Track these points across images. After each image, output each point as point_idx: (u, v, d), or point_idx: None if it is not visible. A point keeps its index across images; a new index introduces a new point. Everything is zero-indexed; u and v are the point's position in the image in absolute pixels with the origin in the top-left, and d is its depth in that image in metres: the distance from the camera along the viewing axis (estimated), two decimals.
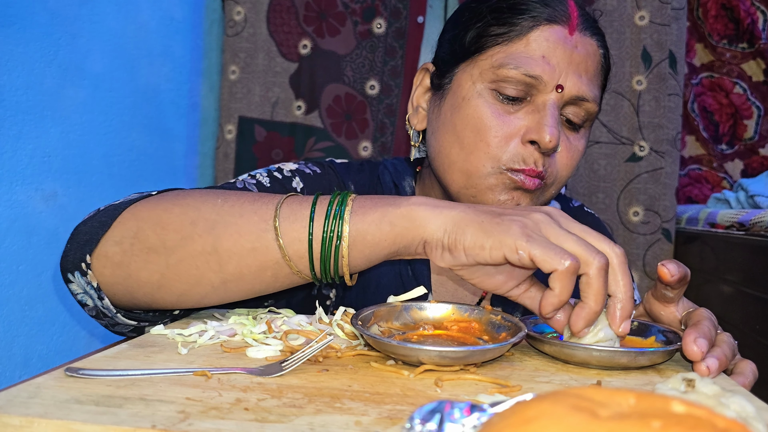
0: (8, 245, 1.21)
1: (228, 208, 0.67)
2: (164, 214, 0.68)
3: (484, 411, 0.40)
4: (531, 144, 0.80)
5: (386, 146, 1.87)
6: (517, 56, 0.81)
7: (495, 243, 0.59)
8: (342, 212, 0.64)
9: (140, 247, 0.68)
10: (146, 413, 0.45)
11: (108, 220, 0.70)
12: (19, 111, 1.22)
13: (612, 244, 0.61)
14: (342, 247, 0.64)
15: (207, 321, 0.71)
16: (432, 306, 0.70)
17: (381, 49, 1.85)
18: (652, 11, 1.76)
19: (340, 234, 0.63)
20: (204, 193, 0.70)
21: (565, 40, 0.81)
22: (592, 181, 1.81)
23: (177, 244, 0.67)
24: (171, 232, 0.67)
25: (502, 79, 0.81)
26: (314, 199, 0.66)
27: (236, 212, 0.66)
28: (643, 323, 0.70)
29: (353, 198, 0.65)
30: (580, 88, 0.81)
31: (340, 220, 0.63)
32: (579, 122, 0.84)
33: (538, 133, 0.79)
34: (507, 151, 0.81)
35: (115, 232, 0.69)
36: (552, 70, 0.80)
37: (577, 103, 0.83)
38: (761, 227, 1.43)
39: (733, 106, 2.07)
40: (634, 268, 1.79)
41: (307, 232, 0.64)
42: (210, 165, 1.93)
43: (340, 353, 0.62)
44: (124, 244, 0.68)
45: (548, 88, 0.80)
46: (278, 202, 0.66)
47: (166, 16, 1.71)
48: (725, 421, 0.30)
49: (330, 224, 0.63)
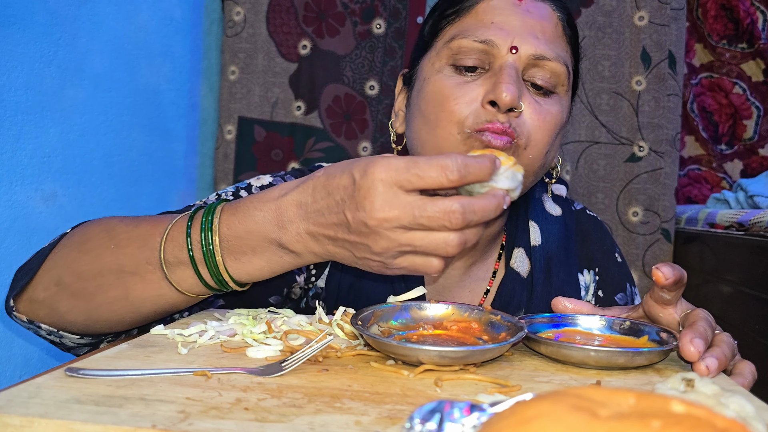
0: (8, 245, 1.21)
1: (123, 256, 0.71)
2: (77, 263, 0.73)
3: (484, 411, 0.40)
4: (491, 105, 0.79)
5: (386, 146, 1.87)
6: (467, 27, 0.83)
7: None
8: (216, 262, 0.66)
9: (65, 293, 0.73)
10: (146, 413, 0.45)
11: (35, 267, 0.75)
12: (19, 111, 1.22)
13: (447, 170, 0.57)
14: (233, 285, 0.69)
15: (207, 321, 0.71)
16: (432, 306, 0.70)
17: (380, 49, 1.85)
18: (651, 11, 1.76)
19: (229, 279, 0.68)
20: (100, 235, 0.74)
21: (514, 6, 0.83)
22: (592, 181, 1.81)
23: (94, 291, 0.72)
24: (85, 281, 0.72)
25: (456, 52, 0.82)
26: (188, 243, 0.67)
27: (132, 262, 0.70)
28: (635, 323, 0.70)
29: (217, 232, 0.66)
30: (537, 46, 0.81)
31: (223, 271, 0.67)
32: (548, 86, 0.83)
33: (495, 92, 0.78)
34: (469, 114, 0.80)
35: (43, 279, 0.75)
36: (505, 34, 0.81)
37: (538, 65, 0.82)
38: (760, 227, 1.43)
39: (733, 107, 2.07)
40: (633, 268, 1.79)
41: (198, 281, 0.68)
42: (210, 165, 1.93)
43: (340, 353, 0.62)
44: (50, 291, 0.74)
45: (503, 51, 0.81)
46: (159, 250, 0.69)
47: (166, 16, 1.71)
48: (725, 420, 0.30)
49: (214, 272, 0.67)
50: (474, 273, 0.96)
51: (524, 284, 0.93)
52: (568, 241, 1.00)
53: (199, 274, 0.67)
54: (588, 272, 1.01)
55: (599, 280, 1.01)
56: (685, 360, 0.61)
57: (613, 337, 0.70)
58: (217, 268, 0.67)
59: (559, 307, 0.74)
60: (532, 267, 0.94)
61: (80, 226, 0.78)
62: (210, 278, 0.68)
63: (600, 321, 0.72)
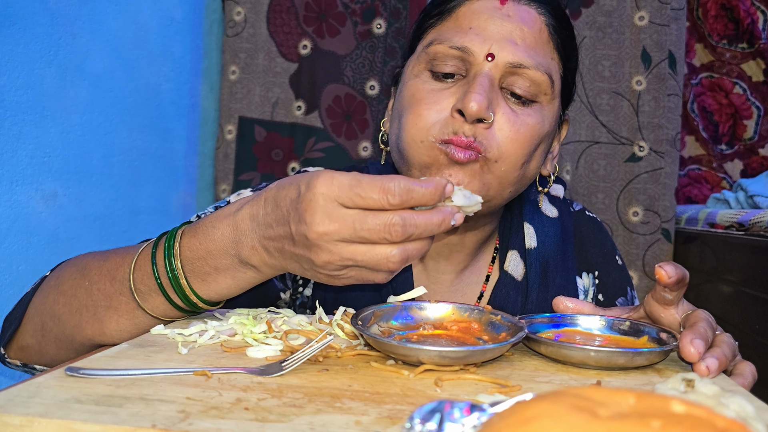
0: (8, 245, 1.21)
1: (96, 292, 0.72)
2: (55, 307, 0.75)
3: (484, 411, 0.40)
4: (459, 114, 0.77)
5: None
6: (445, 32, 0.82)
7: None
8: (182, 286, 0.68)
9: (49, 338, 0.76)
10: (146, 413, 0.45)
11: (19, 315, 0.78)
12: (19, 111, 1.22)
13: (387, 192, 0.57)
14: (204, 306, 0.70)
15: (207, 321, 0.71)
16: (432, 306, 0.70)
17: (381, 49, 1.85)
18: (651, 11, 1.76)
19: (199, 301, 0.69)
20: (74, 275, 0.75)
21: (494, 11, 0.81)
22: (592, 181, 1.81)
23: (73, 332, 0.74)
24: (65, 324, 0.74)
25: (434, 57, 0.81)
26: (154, 271, 0.68)
27: (104, 296, 0.72)
28: (635, 323, 0.70)
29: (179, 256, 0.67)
30: (515, 54, 0.78)
31: (192, 294, 0.68)
32: (528, 95, 0.80)
33: (462, 101, 0.76)
34: (436, 122, 0.79)
35: (28, 326, 0.78)
36: (481, 41, 0.79)
37: (517, 72, 0.79)
38: (760, 227, 1.43)
39: (733, 106, 2.07)
40: (633, 269, 1.79)
41: (170, 305, 0.69)
42: (210, 165, 1.93)
43: (340, 353, 0.62)
44: (37, 337, 0.77)
45: (479, 59, 0.79)
46: (129, 279, 0.70)
47: (166, 16, 1.71)
48: (725, 420, 0.30)
49: (182, 296, 0.68)
50: (466, 277, 0.94)
51: (519, 288, 0.91)
52: (566, 244, 0.97)
53: (169, 298, 0.68)
54: (587, 275, 1.00)
55: (599, 284, 1.00)
56: (686, 360, 0.61)
57: (613, 337, 0.70)
58: (184, 292, 0.68)
59: (560, 306, 0.74)
60: (527, 270, 0.92)
61: (57, 268, 0.80)
62: (180, 302, 0.69)
63: (600, 321, 0.71)
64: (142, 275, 0.69)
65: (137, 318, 0.71)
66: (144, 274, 0.69)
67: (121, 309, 0.71)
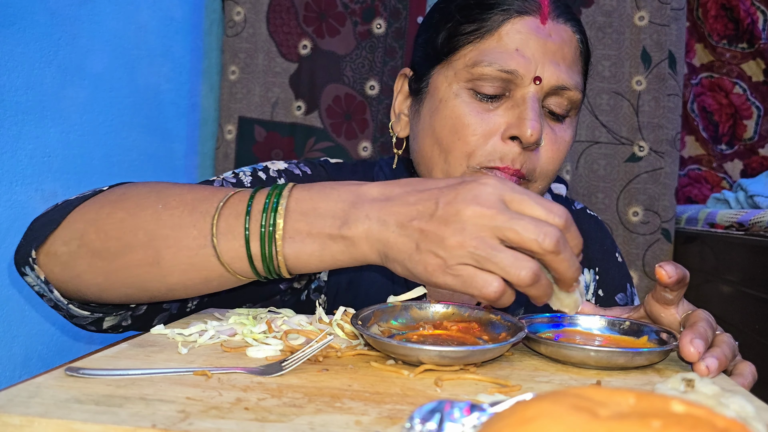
0: (8, 245, 1.21)
1: (167, 217, 0.66)
2: (107, 219, 0.67)
3: (484, 411, 0.40)
4: (512, 140, 0.78)
5: (386, 146, 1.87)
6: (490, 52, 0.79)
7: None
8: (273, 239, 0.62)
9: (85, 251, 0.68)
10: (146, 413, 0.45)
11: (58, 218, 0.70)
12: (19, 111, 1.22)
13: (552, 212, 0.56)
14: (282, 268, 0.63)
15: (207, 321, 0.71)
16: (432, 306, 0.70)
17: (381, 49, 1.85)
18: (651, 11, 1.76)
19: (278, 260, 0.62)
20: (146, 195, 0.69)
21: (538, 30, 0.80)
22: (592, 181, 1.81)
23: (119, 251, 0.66)
24: (113, 239, 0.67)
25: (478, 78, 0.80)
26: (248, 209, 0.63)
27: (175, 223, 0.65)
28: (635, 323, 0.70)
29: (283, 214, 0.62)
30: (559, 77, 0.80)
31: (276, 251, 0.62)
32: (563, 112, 0.82)
33: (519, 128, 0.77)
34: (485, 149, 0.79)
35: (63, 232, 0.69)
36: (527, 63, 0.78)
37: (558, 93, 0.81)
38: (760, 227, 1.43)
39: (733, 107, 2.07)
40: (633, 269, 1.79)
41: (245, 252, 0.63)
42: (210, 165, 1.93)
43: (340, 353, 0.62)
44: (71, 246, 0.68)
45: (526, 81, 0.79)
46: (214, 215, 0.64)
47: (166, 16, 1.71)
48: (725, 420, 0.30)
49: (266, 248, 0.62)
50: None
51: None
52: None
53: (249, 246, 0.63)
54: (588, 272, 1.01)
55: (599, 279, 1.01)
56: (685, 360, 0.61)
57: (613, 337, 0.70)
58: (271, 248, 0.62)
59: None
60: None
61: (122, 185, 0.73)
62: (258, 250, 0.62)
63: (600, 321, 0.72)
64: (229, 214, 0.64)
65: (197, 258, 0.64)
66: (232, 213, 0.64)
67: (186, 241, 0.64)
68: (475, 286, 0.55)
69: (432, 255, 0.56)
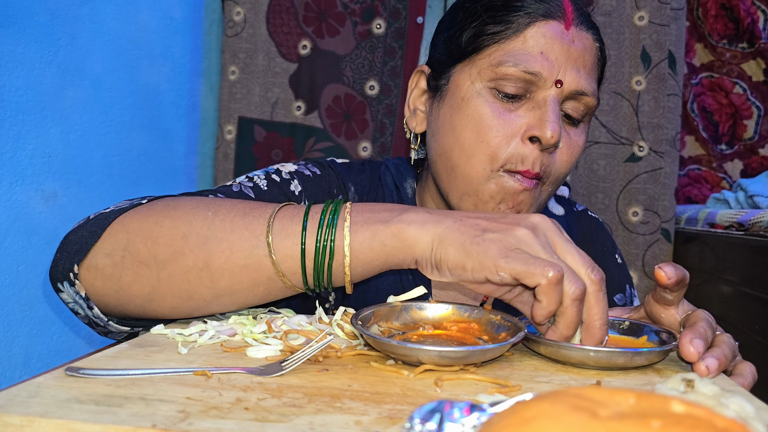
0: (8, 245, 1.21)
1: (219, 222, 0.67)
2: (155, 227, 0.68)
3: (484, 411, 0.40)
4: (532, 141, 0.80)
5: (386, 146, 1.87)
6: (515, 53, 0.80)
7: (475, 265, 0.60)
8: (333, 232, 0.65)
9: (131, 261, 0.67)
10: (146, 413, 0.45)
11: (98, 230, 0.69)
12: (19, 111, 1.22)
13: (591, 267, 0.61)
14: (336, 263, 0.65)
15: (207, 321, 0.71)
16: (432, 306, 0.70)
17: (380, 49, 1.85)
18: (651, 11, 1.76)
19: (332, 252, 0.65)
20: (194, 204, 0.70)
21: (562, 36, 0.81)
22: (592, 181, 1.81)
23: (168, 258, 0.67)
24: (162, 246, 0.67)
25: (502, 77, 0.80)
26: (306, 211, 0.66)
27: (227, 227, 0.66)
28: (634, 323, 0.70)
29: (343, 212, 0.66)
30: (579, 82, 0.81)
31: (332, 243, 0.64)
32: (578, 117, 0.84)
33: (540, 129, 0.79)
34: (507, 150, 0.80)
35: (106, 244, 0.68)
36: (551, 66, 0.80)
37: (576, 98, 0.82)
38: (760, 227, 1.43)
39: (733, 106, 2.07)
40: (633, 269, 1.79)
41: (300, 249, 0.65)
42: (210, 165, 1.93)
43: (340, 353, 0.62)
44: (115, 257, 0.68)
45: (548, 84, 0.80)
46: (270, 216, 0.66)
47: (166, 16, 1.71)
48: (725, 420, 0.30)
49: (322, 241, 0.64)
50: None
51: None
52: None
53: (304, 241, 0.64)
54: None
55: None
56: (685, 360, 0.61)
57: (612, 337, 0.70)
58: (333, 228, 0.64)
59: None
60: None
61: (164, 197, 0.73)
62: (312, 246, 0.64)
63: None
64: (284, 216, 0.66)
65: (252, 258, 0.65)
66: (287, 215, 0.66)
67: (240, 243, 0.65)
68: (538, 265, 0.58)
69: (494, 243, 0.60)
